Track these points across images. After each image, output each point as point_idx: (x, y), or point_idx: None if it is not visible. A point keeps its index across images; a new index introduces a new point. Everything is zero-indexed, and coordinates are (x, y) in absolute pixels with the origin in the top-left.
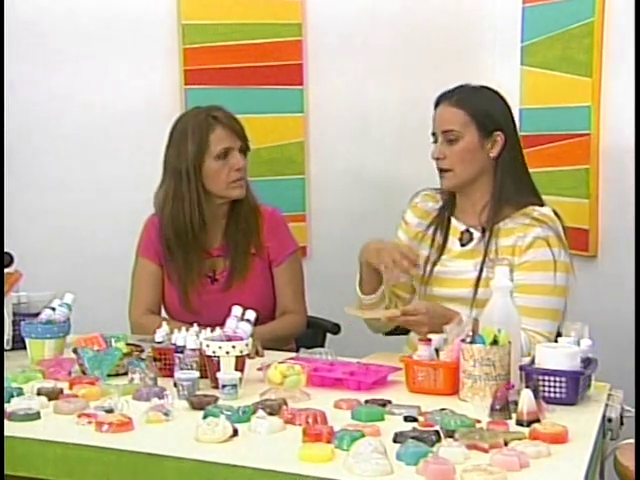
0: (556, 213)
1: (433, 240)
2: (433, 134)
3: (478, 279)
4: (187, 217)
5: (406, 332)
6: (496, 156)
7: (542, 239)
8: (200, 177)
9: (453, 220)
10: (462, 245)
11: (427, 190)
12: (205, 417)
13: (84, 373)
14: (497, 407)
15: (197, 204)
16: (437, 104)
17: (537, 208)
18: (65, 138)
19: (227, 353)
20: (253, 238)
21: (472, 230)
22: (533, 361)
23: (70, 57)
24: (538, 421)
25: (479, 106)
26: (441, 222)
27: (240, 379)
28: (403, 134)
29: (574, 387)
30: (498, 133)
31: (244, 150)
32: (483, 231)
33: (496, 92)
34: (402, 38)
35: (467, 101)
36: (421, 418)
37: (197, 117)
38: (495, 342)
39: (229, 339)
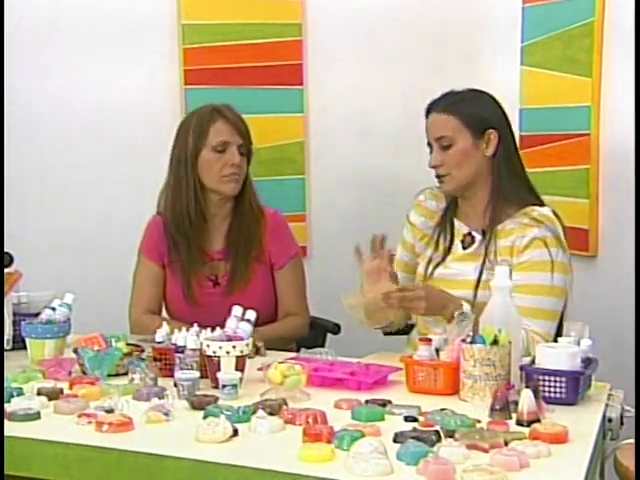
0: (556, 214)
1: (437, 242)
2: (428, 144)
3: (478, 281)
4: (184, 204)
5: (407, 332)
6: (492, 154)
7: (540, 239)
8: (196, 167)
9: (456, 223)
10: (464, 248)
11: (431, 188)
12: (205, 417)
13: (84, 373)
14: (497, 407)
15: (193, 192)
16: (427, 114)
17: (537, 208)
18: (65, 138)
19: (227, 353)
20: (254, 242)
21: (474, 233)
22: (533, 361)
23: (70, 57)
24: (538, 421)
25: (467, 108)
26: (444, 225)
27: (240, 379)
28: (403, 134)
29: (574, 387)
30: (491, 131)
31: (244, 151)
32: (484, 233)
33: (484, 92)
34: (402, 38)
35: (455, 106)
36: (421, 418)
37: (202, 110)
38: (495, 342)
39: (229, 339)
